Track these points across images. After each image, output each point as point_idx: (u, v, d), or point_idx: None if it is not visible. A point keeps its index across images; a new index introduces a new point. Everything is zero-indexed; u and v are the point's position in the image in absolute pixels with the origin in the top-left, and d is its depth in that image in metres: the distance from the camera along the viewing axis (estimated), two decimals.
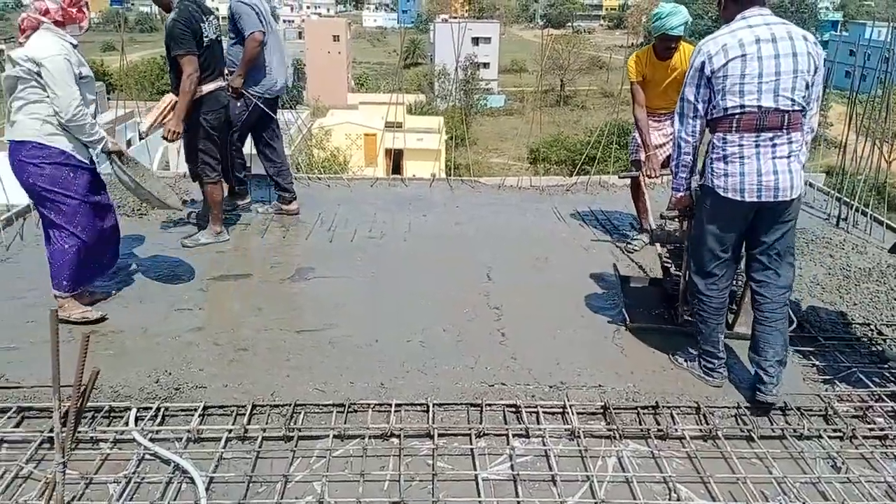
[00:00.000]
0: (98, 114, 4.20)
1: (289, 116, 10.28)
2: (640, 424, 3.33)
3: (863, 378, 3.73)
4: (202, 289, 4.66)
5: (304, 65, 62.84)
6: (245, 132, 5.85)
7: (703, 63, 3.34)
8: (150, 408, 3.31)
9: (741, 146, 3.31)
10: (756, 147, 3.30)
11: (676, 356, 3.87)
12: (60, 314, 4.01)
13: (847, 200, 6.16)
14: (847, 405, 3.50)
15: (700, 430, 3.30)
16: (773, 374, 3.44)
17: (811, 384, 3.69)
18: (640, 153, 5.34)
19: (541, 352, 3.93)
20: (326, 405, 3.38)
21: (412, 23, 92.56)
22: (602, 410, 3.42)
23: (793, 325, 4.00)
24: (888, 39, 5.84)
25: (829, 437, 3.28)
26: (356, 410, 3.38)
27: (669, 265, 4.40)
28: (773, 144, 3.29)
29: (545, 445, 3.16)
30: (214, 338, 4.02)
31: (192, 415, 3.27)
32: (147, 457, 3.03)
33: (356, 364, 3.77)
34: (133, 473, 2.91)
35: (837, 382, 3.70)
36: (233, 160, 5.86)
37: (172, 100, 4.95)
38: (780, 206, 3.37)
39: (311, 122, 29.24)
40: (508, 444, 3.16)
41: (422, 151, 24.16)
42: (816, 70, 3.31)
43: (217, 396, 3.44)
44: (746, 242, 3.56)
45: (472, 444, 3.15)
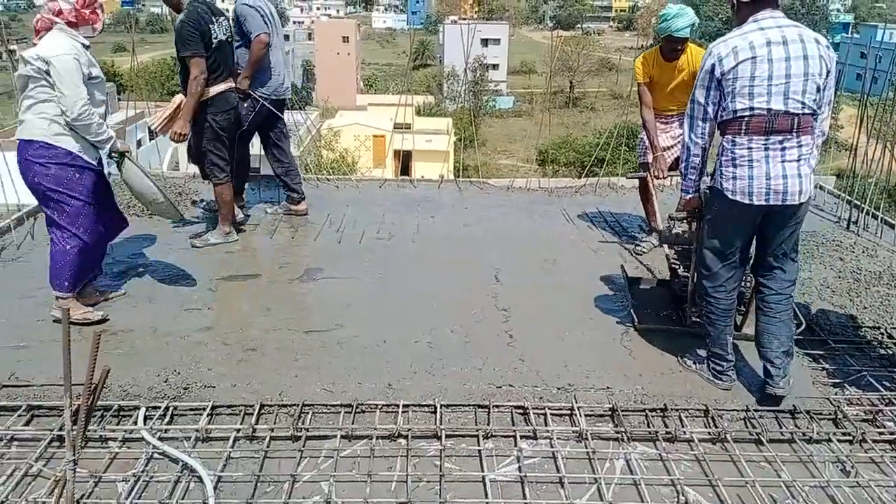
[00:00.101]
0: (109, 114, 4.21)
1: (298, 117, 10.31)
2: (649, 427, 3.32)
3: (873, 382, 3.72)
4: (211, 289, 4.68)
5: (314, 66, 62.97)
6: (252, 133, 5.87)
7: (714, 65, 3.33)
8: (159, 407, 3.32)
9: (750, 149, 3.30)
10: (765, 150, 3.28)
11: (685, 358, 3.86)
12: (58, 314, 4.04)
13: (858, 203, 6.13)
14: (857, 409, 3.48)
15: (708, 433, 3.28)
16: (780, 366, 3.47)
17: (821, 387, 3.67)
18: (649, 156, 5.33)
19: (549, 353, 3.93)
20: (334, 405, 3.39)
21: (421, 24, 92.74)
22: (610, 412, 3.41)
23: (801, 328, 3.98)
24: None
25: (839, 441, 3.26)
26: (364, 411, 3.38)
27: (677, 266, 4.39)
28: (783, 148, 3.27)
29: (553, 447, 3.15)
30: (223, 337, 4.04)
31: (201, 414, 3.29)
32: (156, 456, 3.04)
33: (364, 364, 3.78)
34: (142, 472, 2.92)
35: (847, 386, 3.68)
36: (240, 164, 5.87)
37: (182, 100, 4.98)
38: (789, 210, 3.35)
39: (320, 123, 29.30)
40: (516, 446, 3.15)
41: (430, 153, 24.18)
42: (828, 73, 3.28)
43: (225, 396, 3.45)
44: (756, 241, 3.57)
45: (480, 446, 3.14)
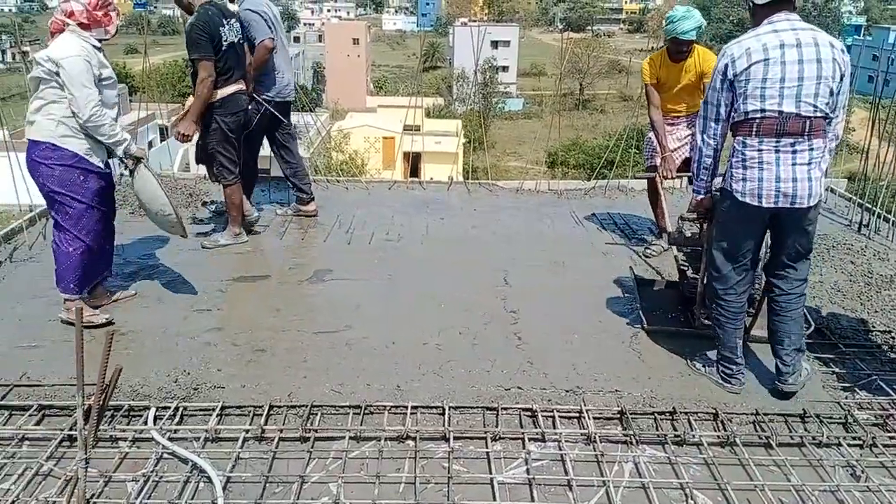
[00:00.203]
0: (120, 116, 4.23)
1: (308, 119, 10.33)
2: (657, 430, 3.31)
3: (883, 386, 3.69)
4: (221, 290, 4.70)
5: (324, 67, 63.15)
6: (259, 137, 5.88)
7: (727, 66, 3.33)
8: (169, 407, 3.34)
9: (760, 151, 3.29)
10: (776, 152, 3.27)
11: (694, 362, 3.84)
12: (67, 316, 4.07)
13: (869, 206, 6.09)
14: (867, 413, 3.46)
15: (718, 437, 3.27)
16: (790, 363, 3.50)
17: (831, 391, 3.65)
18: (656, 158, 5.33)
19: (557, 356, 3.92)
20: (343, 407, 3.40)
21: (431, 26, 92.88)
22: (619, 415, 3.40)
23: (810, 329, 3.97)
24: None
25: (849, 445, 3.24)
26: (372, 412, 3.38)
27: (686, 268, 4.38)
28: (794, 151, 3.26)
29: (561, 450, 3.14)
30: (233, 338, 4.05)
31: (210, 414, 3.30)
32: (165, 456, 3.06)
33: (372, 366, 3.78)
34: (151, 472, 2.94)
35: (857, 390, 3.66)
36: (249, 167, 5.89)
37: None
38: (798, 213, 3.35)
39: (330, 125, 29.38)
40: (524, 448, 3.15)
41: (440, 154, 24.20)
42: (842, 78, 3.28)
43: (235, 397, 3.46)
44: (770, 240, 3.58)
45: (488, 448, 3.14)
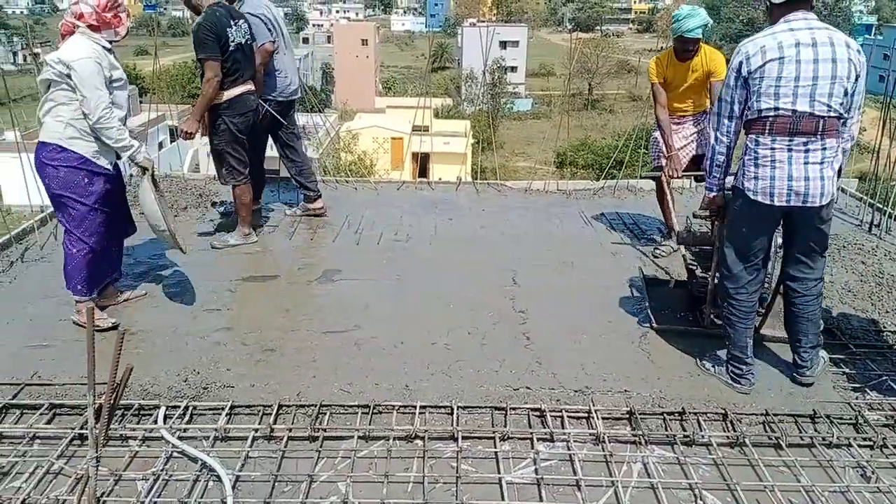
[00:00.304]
0: (129, 117, 4.24)
1: (317, 120, 10.36)
2: (666, 430, 3.30)
3: (894, 386, 3.67)
4: (230, 289, 4.72)
5: (333, 68, 63.29)
6: (264, 138, 5.89)
7: (741, 63, 3.32)
8: (179, 406, 3.35)
9: (773, 149, 3.29)
10: (788, 151, 3.27)
11: (704, 362, 3.83)
12: (78, 319, 4.09)
13: (880, 206, 6.06)
14: (878, 414, 3.44)
15: (727, 437, 3.26)
16: (808, 359, 3.60)
17: (841, 392, 3.63)
18: (662, 158, 5.32)
19: (566, 356, 3.92)
20: (352, 406, 3.41)
21: (440, 27, 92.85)
22: (628, 415, 3.39)
23: (819, 328, 3.94)
24: None
25: (859, 446, 3.22)
26: (381, 412, 3.39)
27: (695, 267, 4.36)
28: (807, 150, 3.26)
29: (570, 450, 3.14)
30: (242, 338, 4.07)
31: (220, 414, 3.32)
32: (175, 455, 3.07)
33: (381, 365, 3.79)
34: (161, 471, 2.96)
35: (868, 391, 3.64)
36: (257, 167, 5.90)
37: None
38: (811, 211, 3.34)
39: (339, 126, 29.44)
40: (533, 448, 3.15)
41: (448, 155, 24.24)
42: (857, 78, 3.27)
43: (244, 396, 3.48)
44: (783, 240, 3.61)
45: (497, 448, 3.14)
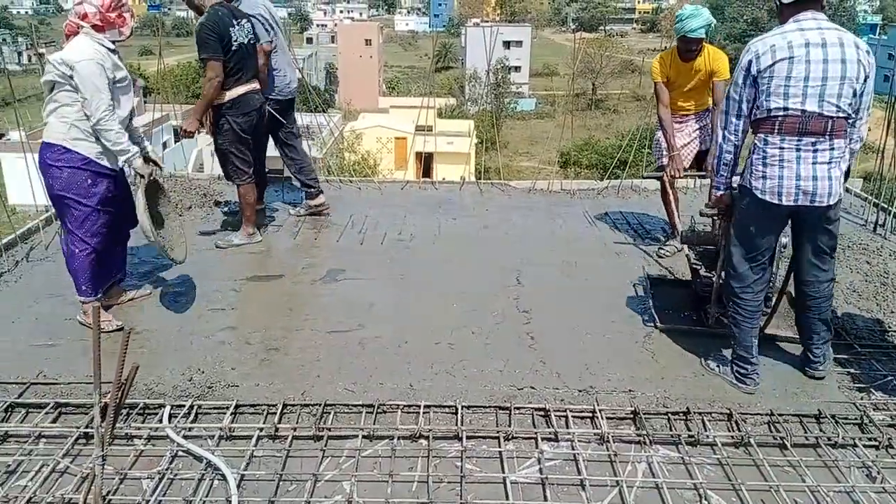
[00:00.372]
0: (135, 116, 4.25)
1: (321, 120, 10.38)
2: (671, 430, 3.30)
3: None
4: (235, 289, 4.72)
5: (336, 68, 63.34)
6: (265, 137, 5.88)
7: (750, 62, 3.33)
8: (184, 405, 3.36)
9: (782, 149, 3.29)
10: (797, 151, 3.28)
11: (708, 362, 3.83)
12: (84, 319, 4.10)
13: (885, 206, 6.04)
14: (883, 414, 3.44)
15: (732, 437, 3.26)
16: (820, 354, 3.67)
17: (846, 392, 3.62)
18: (665, 158, 5.31)
19: (570, 355, 3.92)
20: (356, 405, 3.41)
21: (444, 27, 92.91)
22: (632, 415, 3.39)
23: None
24: None
25: (864, 446, 3.22)
26: (385, 411, 3.39)
27: (699, 267, 4.36)
28: (815, 150, 3.27)
29: (574, 449, 3.14)
30: (247, 337, 4.07)
31: (225, 413, 3.32)
32: (180, 453, 3.08)
33: (385, 365, 3.79)
34: (166, 470, 2.96)
35: (873, 391, 3.63)
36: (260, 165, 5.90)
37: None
38: (818, 211, 3.36)
39: (343, 126, 29.45)
40: (537, 448, 3.15)
41: (452, 155, 24.16)
42: (866, 79, 3.28)
43: (249, 395, 3.48)
44: (793, 242, 3.63)
45: (501, 447, 3.15)
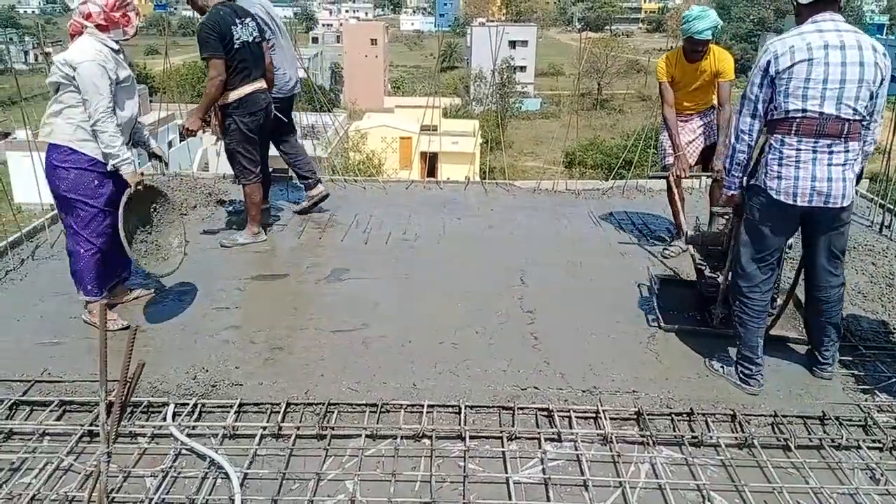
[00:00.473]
0: (140, 115, 4.25)
1: (326, 119, 10.39)
2: (674, 431, 3.30)
3: None
4: (239, 288, 4.73)
5: (342, 68, 63.42)
6: (267, 135, 5.88)
7: (769, 62, 3.32)
8: (188, 404, 3.37)
9: (798, 150, 3.30)
10: (813, 152, 3.28)
11: (712, 362, 3.82)
12: (89, 318, 4.11)
13: (891, 207, 6.03)
14: (887, 416, 3.42)
15: (735, 438, 3.25)
16: (829, 357, 3.71)
17: (851, 394, 3.61)
18: (670, 158, 5.31)
19: (574, 356, 3.91)
20: (359, 405, 3.41)
21: (449, 26, 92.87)
22: (635, 416, 3.39)
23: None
24: None
25: (869, 448, 3.21)
26: (388, 410, 3.40)
27: (703, 267, 4.35)
28: (831, 152, 3.28)
29: (577, 450, 3.14)
30: (251, 336, 4.08)
31: (228, 411, 3.33)
32: (183, 452, 3.09)
33: (389, 364, 3.79)
34: (170, 468, 2.97)
35: (878, 392, 3.62)
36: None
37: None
38: (832, 212, 3.36)
39: (348, 125, 29.47)
40: (540, 448, 3.15)
41: (457, 154, 24.20)
42: (882, 82, 3.28)
43: (252, 394, 3.49)
44: (803, 245, 3.63)
45: (504, 447, 3.14)
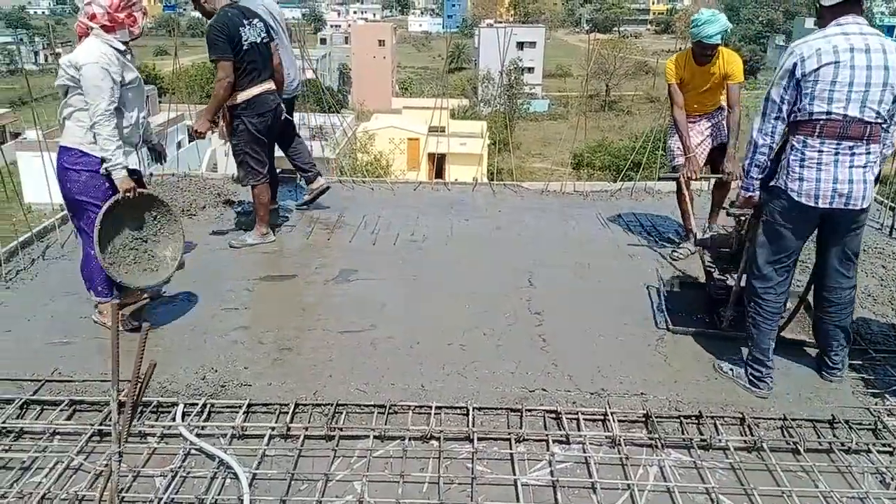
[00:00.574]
0: (147, 116, 4.25)
1: (334, 120, 10.42)
2: (683, 434, 3.29)
3: None
4: (248, 289, 4.74)
5: (350, 69, 63.53)
6: (274, 136, 5.88)
7: (795, 65, 3.31)
8: (197, 404, 3.38)
9: (821, 152, 3.30)
10: (836, 155, 3.29)
11: (721, 365, 3.81)
12: (100, 319, 4.12)
13: None
14: None
15: (744, 441, 3.25)
16: (839, 361, 3.69)
17: (861, 397, 3.60)
18: (680, 158, 5.29)
19: (582, 358, 3.91)
20: (368, 406, 3.42)
21: (457, 27, 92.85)
22: (644, 418, 3.38)
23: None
24: None
25: (878, 452, 3.19)
26: (397, 412, 3.40)
27: (713, 269, 4.34)
28: (853, 154, 3.28)
29: (585, 452, 3.14)
30: (260, 337, 4.09)
31: (237, 412, 3.34)
32: (193, 452, 3.10)
33: (397, 365, 3.80)
34: (179, 468, 2.99)
35: (888, 396, 3.60)
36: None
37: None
38: (851, 214, 3.36)
39: (356, 126, 29.52)
40: (548, 450, 3.15)
41: (464, 156, 24.18)
42: None
43: (261, 394, 3.50)
44: (817, 247, 3.63)
45: (512, 449, 3.15)
